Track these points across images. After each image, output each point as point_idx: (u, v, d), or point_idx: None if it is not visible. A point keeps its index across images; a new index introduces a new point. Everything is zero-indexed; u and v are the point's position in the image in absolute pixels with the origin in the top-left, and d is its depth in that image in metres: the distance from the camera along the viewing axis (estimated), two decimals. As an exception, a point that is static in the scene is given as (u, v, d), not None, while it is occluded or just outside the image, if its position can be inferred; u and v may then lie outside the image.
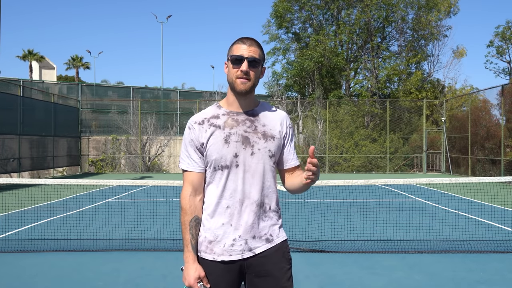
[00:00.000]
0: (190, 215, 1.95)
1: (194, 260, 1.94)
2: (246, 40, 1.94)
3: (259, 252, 1.93)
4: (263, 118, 2.00)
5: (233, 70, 1.93)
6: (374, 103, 25.83)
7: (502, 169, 16.88)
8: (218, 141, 1.92)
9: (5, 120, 15.78)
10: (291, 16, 28.78)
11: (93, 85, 30.87)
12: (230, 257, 1.91)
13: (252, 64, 1.91)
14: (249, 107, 2.00)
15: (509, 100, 17.98)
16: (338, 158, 23.59)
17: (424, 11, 27.30)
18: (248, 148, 1.92)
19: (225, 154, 1.91)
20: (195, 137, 1.96)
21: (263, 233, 1.94)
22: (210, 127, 1.94)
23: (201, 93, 31.12)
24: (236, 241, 1.91)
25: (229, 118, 1.96)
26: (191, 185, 1.97)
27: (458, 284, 4.51)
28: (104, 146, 24.15)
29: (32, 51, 42.44)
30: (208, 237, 1.94)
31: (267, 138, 1.95)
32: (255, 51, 1.93)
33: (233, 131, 1.93)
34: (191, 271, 1.93)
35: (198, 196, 1.98)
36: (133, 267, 5.14)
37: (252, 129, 1.95)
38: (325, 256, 5.56)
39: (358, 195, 10.45)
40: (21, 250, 5.84)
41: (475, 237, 6.46)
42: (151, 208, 9.65)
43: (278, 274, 1.93)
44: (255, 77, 1.94)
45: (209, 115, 1.99)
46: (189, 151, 1.98)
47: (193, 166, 1.97)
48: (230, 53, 1.96)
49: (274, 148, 1.96)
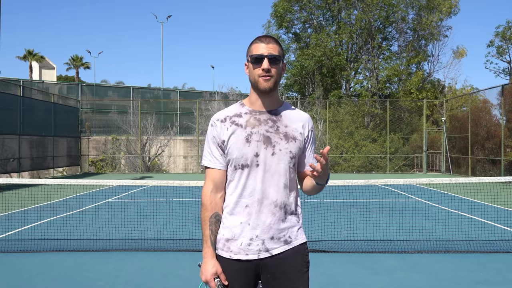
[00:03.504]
0: (210, 211, 1.96)
1: (213, 256, 1.94)
2: (264, 38, 1.95)
3: (276, 253, 1.92)
4: (285, 119, 1.99)
5: (254, 70, 1.93)
6: (374, 103, 25.83)
7: (502, 169, 16.87)
8: (239, 140, 1.92)
9: (5, 120, 15.77)
10: (291, 16, 28.78)
11: (93, 85, 30.88)
12: (246, 256, 1.91)
13: (273, 61, 1.91)
14: (272, 106, 1.99)
15: (509, 100, 17.97)
16: (338, 158, 23.58)
17: (425, 12, 27.29)
18: (269, 148, 1.92)
19: (245, 153, 1.90)
20: (216, 134, 1.97)
21: (282, 234, 1.93)
22: (231, 125, 1.95)
23: (201, 93, 31.11)
24: (253, 241, 1.90)
25: (251, 117, 1.96)
26: (212, 182, 1.98)
27: (458, 284, 4.50)
28: (104, 146, 24.16)
29: (32, 51, 42.46)
30: (225, 235, 1.94)
31: (288, 139, 1.95)
32: (274, 48, 1.93)
33: (255, 130, 1.93)
34: (208, 267, 1.92)
35: (219, 193, 1.99)
36: (133, 267, 5.14)
37: (274, 129, 1.95)
38: (325, 256, 5.55)
39: (358, 195, 10.44)
40: (21, 250, 5.84)
41: (475, 237, 6.45)
42: (151, 208, 9.65)
43: (295, 276, 1.93)
44: (277, 73, 1.94)
45: (232, 113, 1.99)
46: (211, 148, 1.99)
47: (214, 163, 1.98)
48: (250, 53, 1.96)
49: (295, 149, 1.96)
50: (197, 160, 24.18)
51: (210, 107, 25.33)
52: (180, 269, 5.06)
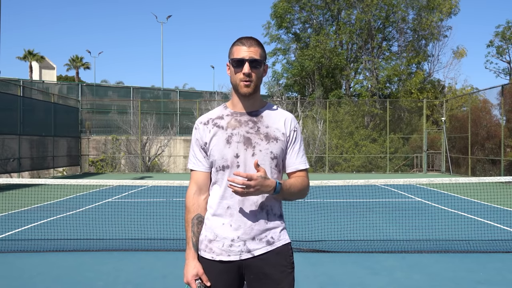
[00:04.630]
0: (192, 213, 1.99)
1: (194, 257, 1.96)
2: (246, 41, 1.93)
3: (258, 254, 1.91)
4: (267, 119, 1.98)
5: (235, 73, 1.93)
6: (374, 103, 25.82)
7: (502, 169, 16.87)
8: (220, 142, 1.93)
9: (5, 120, 15.78)
10: (291, 17, 28.77)
11: (93, 85, 30.90)
12: (228, 257, 1.91)
13: (253, 65, 1.90)
14: (254, 107, 1.99)
15: (509, 100, 17.97)
16: (338, 158, 23.58)
17: (425, 12, 27.29)
18: (249, 149, 1.91)
19: (226, 154, 1.91)
20: (199, 136, 1.99)
21: (264, 235, 1.92)
22: (213, 127, 1.96)
23: (201, 93, 31.12)
24: (235, 242, 1.90)
25: (232, 118, 1.97)
26: (196, 184, 2.00)
27: (458, 284, 4.50)
28: (104, 146, 24.15)
29: (32, 51, 42.47)
30: (208, 236, 1.95)
31: (269, 140, 1.94)
32: (256, 51, 1.92)
33: (235, 132, 1.93)
34: (189, 268, 1.94)
35: (202, 195, 2.00)
36: (133, 267, 5.14)
37: (254, 130, 1.94)
38: (325, 256, 5.55)
39: (358, 195, 10.44)
40: (21, 250, 5.84)
41: (475, 237, 6.45)
42: (151, 208, 9.65)
43: (278, 277, 1.91)
44: (257, 77, 1.93)
45: (215, 115, 2.01)
46: (194, 151, 2.01)
47: (198, 166, 2.00)
48: (231, 56, 1.95)
49: (276, 150, 1.94)
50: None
51: (210, 107, 25.34)
52: (180, 269, 5.04)
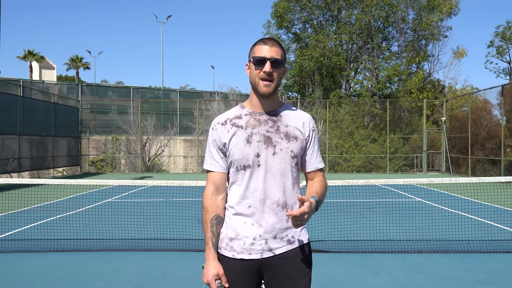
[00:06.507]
0: (211, 213, 1.97)
1: (214, 257, 1.95)
2: (268, 41, 1.94)
3: (279, 253, 1.92)
4: (286, 119, 1.99)
5: (255, 72, 1.93)
6: (374, 103, 25.82)
7: (502, 169, 16.87)
8: (240, 141, 1.93)
9: (5, 120, 15.77)
10: (291, 16, 28.77)
11: (93, 85, 30.88)
12: (249, 256, 1.91)
13: (275, 64, 1.92)
14: (272, 107, 2.00)
15: (509, 100, 17.97)
16: (338, 158, 23.58)
17: (426, 12, 27.28)
18: (270, 148, 1.92)
19: (247, 154, 1.91)
20: (217, 137, 1.98)
21: (285, 234, 1.93)
22: (232, 127, 1.96)
23: (201, 93, 31.10)
24: (256, 240, 1.90)
25: (251, 118, 1.97)
26: (213, 185, 2.00)
27: (458, 284, 4.50)
28: (104, 146, 24.15)
29: (32, 51, 42.45)
30: (229, 234, 1.95)
31: (289, 139, 1.95)
32: (277, 51, 1.93)
33: (255, 131, 1.94)
34: (210, 268, 1.93)
35: (220, 195, 2.00)
36: (133, 267, 5.14)
37: (274, 129, 1.95)
38: (325, 256, 5.55)
39: (358, 195, 10.44)
40: (21, 250, 5.84)
41: (475, 237, 6.45)
42: (151, 208, 9.65)
43: (296, 276, 1.92)
44: (278, 77, 1.95)
45: (232, 115, 2.01)
46: (211, 152, 2.01)
47: (215, 166, 2.00)
48: (252, 54, 1.95)
49: (296, 149, 1.96)
50: (197, 160, 24.19)
51: (210, 107, 25.33)
52: (180, 269, 5.06)
